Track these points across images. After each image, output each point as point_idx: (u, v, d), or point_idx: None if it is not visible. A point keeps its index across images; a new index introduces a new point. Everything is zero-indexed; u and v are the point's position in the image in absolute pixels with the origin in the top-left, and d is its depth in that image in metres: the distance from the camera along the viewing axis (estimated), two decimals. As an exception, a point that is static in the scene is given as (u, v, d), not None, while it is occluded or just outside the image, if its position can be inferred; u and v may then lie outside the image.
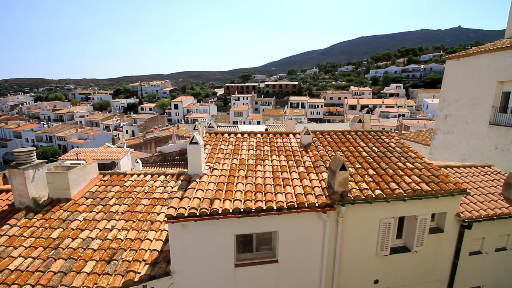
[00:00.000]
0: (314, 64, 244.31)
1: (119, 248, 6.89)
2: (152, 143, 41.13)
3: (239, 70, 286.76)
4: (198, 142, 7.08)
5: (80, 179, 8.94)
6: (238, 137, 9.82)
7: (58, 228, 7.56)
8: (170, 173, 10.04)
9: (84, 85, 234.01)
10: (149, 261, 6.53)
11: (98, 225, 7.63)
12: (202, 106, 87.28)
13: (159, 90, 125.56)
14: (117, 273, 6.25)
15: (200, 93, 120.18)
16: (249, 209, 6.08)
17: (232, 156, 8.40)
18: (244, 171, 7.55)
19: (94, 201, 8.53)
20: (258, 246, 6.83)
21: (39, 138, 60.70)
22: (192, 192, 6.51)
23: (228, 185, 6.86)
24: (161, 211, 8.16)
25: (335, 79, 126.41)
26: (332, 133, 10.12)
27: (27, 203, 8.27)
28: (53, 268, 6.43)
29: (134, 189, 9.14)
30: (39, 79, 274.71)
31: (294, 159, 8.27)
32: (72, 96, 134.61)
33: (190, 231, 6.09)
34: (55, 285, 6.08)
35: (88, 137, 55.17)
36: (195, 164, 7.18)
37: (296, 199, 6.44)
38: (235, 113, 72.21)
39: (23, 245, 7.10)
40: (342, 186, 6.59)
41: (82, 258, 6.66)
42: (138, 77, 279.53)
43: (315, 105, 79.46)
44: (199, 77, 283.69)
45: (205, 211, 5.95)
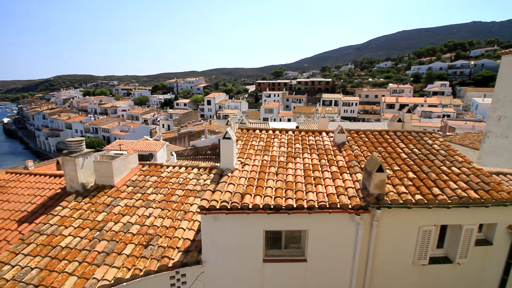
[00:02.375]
0: (349, 60, 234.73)
1: (155, 234, 7.32)
2: (186, 137, 42.88)
3: (271, 67, 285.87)
4: (231, 137, 7.22)
5: (122, 168, 9.64)
6: (270, 133, 9.82)
7: (103, 212, 8.25)
8: (203, 166, 10.39)
9: (126, 81, 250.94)
10: (182, 248, 6.85)
11: (137, 211, 8.18)
12: (234, 102, 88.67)
13: (193, 87, 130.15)
14: (153, 257, 6.66)
15: (232, 90, 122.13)
16: (279, 206, 6.08)
17: (263, 152, 8.43)
18: (275, 168, 7.54)
19: (134, 189, 9.16)
20: (287, 244, 6.81)
21: (87, 130, 66.59)
22: (224, 186, 6.68)
23: (259, 181, 6.91)
24: (194, 202, 8.50)
25: (372, 76, 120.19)
26: (368, 132, 9.67)
27: (76, 188, 9.14)
28: (97, 248, 7.05)
29: (170, 180, 9.62)
30: (87, 76, 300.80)
31: (326, 158, 8.06)
32: (116, 91, 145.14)
33: (221, 223, 6.27)
34: (99, 264, 6.66)
35: (129, 129, 59.24)
36: (227, 159, 7.34)
37: (328, 199, 6.28)
38: (266, 110, 72.25)
39: (73, 225, 7.88)
40: (378, 189, 6.27)
41: (122, 241, 7.20)
42: (174, 74, 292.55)
43: (349, 103, 76.43)
44: (232, 74, 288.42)
45: (236, 205, 6.06)
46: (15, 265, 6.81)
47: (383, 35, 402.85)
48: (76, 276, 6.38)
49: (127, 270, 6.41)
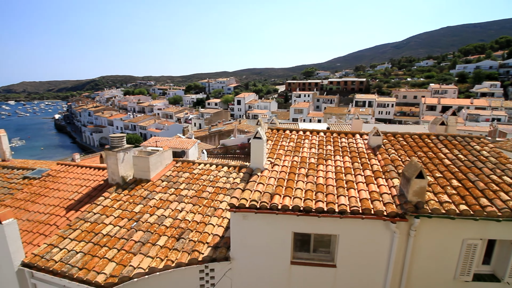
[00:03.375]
0: (386, 59, 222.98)
1: (186, 228, 7.62)
2: (216, 136, 43.99)
3: (302, 67, 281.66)
4: (262, 137, 7.25)
5: (158, 163, 10.17)
6: (300, 134, 9.69)
7: (139, 204, 8.78)
8: (233, 165, 10.57)
9: (162, 81, 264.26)
10: (211, 244, 7.04)
11: (171, 205, 8.57)
12: (263, 102, 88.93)
13: (224, 87, 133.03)
14: (184, 250, 6.93)
15: (262, 90, 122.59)
16: (309, 208, 5.97)
17: (293, 153, 8.34)
18: (305, 170, 7.42)
19: (168, 184, 9.61)
20: (315, 247, 6.67)
21: (126, 126, 71.29)
22: (253, 185, 6.73)
23: (288, 181, 6.85)
24: (223, 200, 8.69)
25: (411, 75, 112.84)
26: (407, 135, 9.10)
27: (117, 180, 9.83)
28: (134, 237, 7.51)
29: (201, 177, 9.94)
30: (128, 76, 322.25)
31: (360, 161, 7.74)
32: (153, 91, 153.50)
33: (249, 222, 6.33)
34: (135, 252, 7.10)
35: (163, 127, 62.35)
36: (257, 158, 7.38)
37: (361, 204, 6.03)
38: (295, 110, 71.37)
39: (113, 215, 8.48)
40: (418, 196, 5.88)
41: (157, 232, 7.60)
42: (206, 74, 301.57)
43: (385, 104, 72.55)
44: (262, 74, 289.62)
45: (265, 205, 6.08)
46: (63, 248, 7.51)
47: (425, 32, 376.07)
48: (115, 263, 6.87)
49: (160, 261, 6.75)
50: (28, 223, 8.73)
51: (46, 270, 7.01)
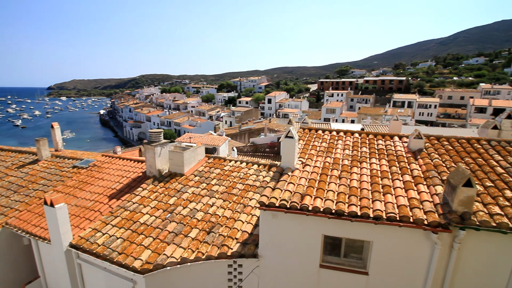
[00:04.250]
0: (429, 56, 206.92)
1: (216, 223, 7.82)
2: (246, 134, 44.49)
3: (335, 65, 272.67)
4: (294, 136, 7.17)
5: (191, 159, 10.56)
6: (333, 135, 9.40)
7: (174, 197, 9.20)
8: (263, 163, 10.61)
9: (196, 80, 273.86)
10: (240, 240, 7.15)
11: (202, 200, 8.87)
12: (294, 101, 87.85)
13: (255, 85, 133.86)
14: (214, 244, 7.13)
15: (293, 89, 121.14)
16: (341, 211, 5.77)
17: (325, 154, 8.13)
18: (338, 171, 7.19)
19: (200, 179, 9.94)
20: (347, 252, 6.44)
21: (162, 123, 75.15)
22: (283, 184, 6.68)
23: (320, 183, 6.69)
24: (252, 197, 8.76)
25: (458, 74, 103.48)
26: (453, 139, 8.37)
27: (154, 173, 10.40)
28: (168, 228, 7.90)
29: (232, 173, 10.13)
30: (164, 75, 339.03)
31: (398, 165, 7.29)
32: (187, 89, 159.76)
33: (279, 221, 6.30)
34: (168, 242, 7.46)
35: (196, 124, 64.64)
36: (288, 158, 7.31)
37: (399, 211, 5.68)
38: (327, 110, 69.42)
39: (150, 205, 9.00)
40: (464, 206, 5.38)
41: (189, 224, 7.91)
42: (238, 73, 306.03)
43: (426, 105, 67.43)
44: (293, 72, 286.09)
45: (295, 205, 6.00)
46: (105, 233, 8.16)
47: (475, 27, 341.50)
48: (150, 250, 7.30)
49: (191, 252, 7.03)
50: (76, 208, 9.62)
51: (90, 252, 7.68)
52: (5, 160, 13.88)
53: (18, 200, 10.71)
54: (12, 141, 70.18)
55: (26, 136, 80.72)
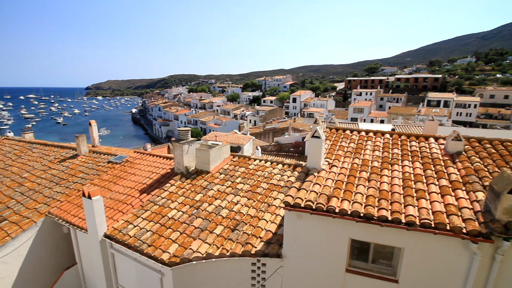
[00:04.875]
0: (469, 52, 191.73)
1: (241, 221, 7.90)
2: (270, 133, 44.44)
3: (364, 63, 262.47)
4: (320, 136, 7.01)
5: (217, 157, 10.77)
6: (362, 135, 9.05)
7: (200, 193, 9.45)
8: (287, 163, 10.52)
9: (222, 79, 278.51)
10: (264, 239, 7.15)
11: (227, 197, 9.00)
12: (320, 100, 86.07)
13: (280, 84, 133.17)
14: (238, 241, 7.21)
15: (319, 88, 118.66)
16: (371, 215, 5.54)
17: (353, 155, 7.85)
18: (367, 173, 6.91)
19: (225, 177, 10.10)
20: (375, 258, 6.18)
21: (189, 121, 77.49)
22: (309, 185, 6.57)
23: (348, 185, 6.48)
24: (277, 197, 8.73)
25: (502, 71, 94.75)
26: (497, 142, 7.67)
27: (181, 170, 10.75)
28: (194, 223, 8.13)
29: (256, 172, 10.17)
30: (192, 75, 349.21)
31: (434, 169, 6.84)
32: (213, 89, 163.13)
33: (304, 222, 6.21)
34: (194, 237, 7.68)
35: (221, 123, 65.81)
36: (315, 158, 7.17)
37: (434, 217, 5.33)
38: (355, 109, 67.07)
39: (177, 201, 9.32)
40: (509, 215, 4.91)
41: (214, 221, 8.08)
42: (263, 72, 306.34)
43: (465, 104, 62.55)
44: (319, 71, 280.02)
45: (321, 207, 5.87)
46: (136, 225, 8.59)
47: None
48: (178, 244, 7.56)
49: (216, 248, 7.17)
50: (110, 201, 10.24)
51: (122, 243, 8.14)
52: (49, 155, 15.16)
53: (59, 192, 11.64)
54: (54, 137, 76.44)
55: (67, 133, 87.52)
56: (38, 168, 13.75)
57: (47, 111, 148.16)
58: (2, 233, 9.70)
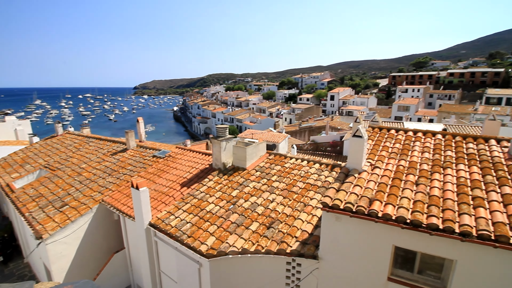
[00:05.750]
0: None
1: (276, 219, 7.90)
2: (306, 131, 43.60)
3: (411, 57, 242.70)
4: (362, 135, 6.66)
5: (253, 154, 10.89)
6: (409, 135, 8.40)
7: (236, 189, 9.65)
8: (325, 162, 10.22)
9: (258, 78, 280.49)
10: (300, 239, 7.05)
11: (263, 195, 9.06)
12: (360, 98, 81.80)
13: (317, 82, 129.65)
14: (273, 239, 7.22)
15: (359, 84, 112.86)
16: (419, 222, 5.12)
17: (399, 156, 7.32)
18: (415, 177, 6.39)
19: (261, 175, 10.17)
20: (422, 268, 5.71)
21: (225, 119, 79.54)
22: (349, 186, 6.29)
23: (392, 188, 6.07)
24: (313, 197, 8.54)
25: None
26: None
27: (219, 166, 11.08)
28: (231, 218, 8.34)
29: (292, 171, 10.06)
30: (229, 74, 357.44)
31: (495, 174, 6.07)
32: (249, 87, 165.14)
33: (342, 225, 5.98)
34: (231, 232, 7.87)
35: (256, 121, 66.37)
36: (356, 158, 6.84)
37: (495, 229, 4.74)
38: (400, 107, 62.40)
39: (215, 196, 9.64)
40: None
41: (250, 217, 8.19)
42: (300, 70, 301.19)
43: (534, 103, 54.40)
44: (360, 67, 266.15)
45: (362, 210, 5.59)
46: (177, 217, 9.09)
47: None
48: (215, 237, 7.83)
49: (251, 244, 7.27)
50: (154, 192, 10.98)
51: (165, 232, 8.68)
52: (102, 148, 16.77)
53: (111, 182, 12.82)
54: (106, 132, 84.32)
55: (117, 128, 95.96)
56: (94, 160, 15.30)
57: (101, 108, 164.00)
58: (63, 216, 11.01)
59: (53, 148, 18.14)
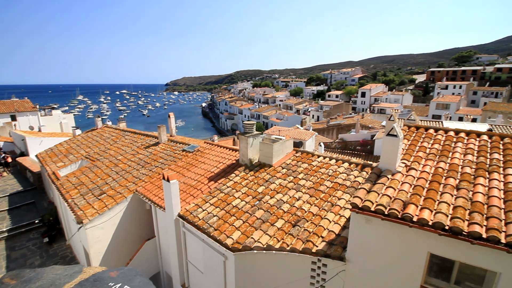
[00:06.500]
0: None
1: (302, 217, 7.80)
2: (334, 129, 42.39)
3: (452, 51, 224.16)
4: (398, 134, 6.30)
5: (280, 151, 10.82)
6: (450, 135, 7.78)
7: (262, 186, 9.68)
8: (355, 162, 9.86)
9: (286, 74, 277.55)
10: (326, 239, 6.90)
11: (289, 192, 8.99)
12: (394, 95, 77.52)
13: (347, 78, 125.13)
14: (299, 237, 7.14)
15: (393, 80, 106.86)
16: (459, 229, 4.74)
17: (438, 158, 6.82)
18: (455, 180, 5.92)
19: (288, 172, 10.08)
20: (459, 279, 5.29)
21: (252, 115, 79.99)
22: (381, 187, 6.00)
23: (430, 192, 5.67)
24: (341, 197, 8.29)
25: None
26: None
27: (245, 162, 11.18)
28: (256, 214, 8.39)
29: (319, 169, 9.84)
30: (256, 70, 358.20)
31: (553, 181, 5.42)
32: (276, 83, 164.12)
33: (373, 228, 5.73)
34: (256, 227, 7.93)
35: (283, 118, 65.87)
36: (389, 159, 6.50)
37: (551, 242, 4.24)
38: (438, 105, 58.10)
39: (241, 191, 9.75)
40: None
41: (275, 214, 8.18)
42: (329, 66, 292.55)
43: None
44: (395, 62, 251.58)
45: (395, 213, 5.30)
46: (204, 209, 9.35)
47: None
48: (240, 232, 7.94)
49: (276, 241, 7.26)
50: (184, 185, 11.38)
51: (193, 224, 8.99)
52: (137, 141, 17.72)
53: (144, 173, 13.53)
54: (140, 126, 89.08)
55: (150, 123, 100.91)
56: (129, 152, 16.25)
57: (135, 104, 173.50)
58: (101, 204, 11.85)
59: (93, 141, 19.58)
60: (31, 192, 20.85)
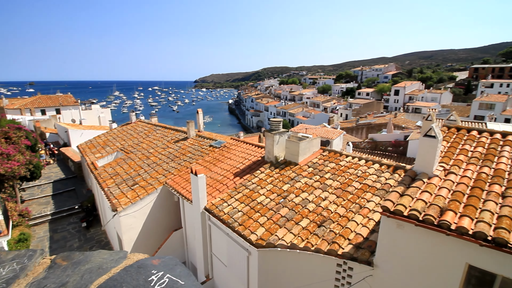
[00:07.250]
0: None
1: (328, 218, 7.62)
2: (364, 128, 40.76)
3: (499, 46, 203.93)
4: (436, 136, 5.88)
5: (306, 149, 10.65)
6: (496, 138, 7.11)
7: (287, 184, 9.61)
8: (386, 163, 9.41)
9: (313, 71, 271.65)
10: (353, 242, 6.68)
11: (315, 191, 8.83)
12: (431, 93, 72.46)
13: (380, 75, 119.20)
14: (324, 238, 6.99)
15: (431, 78, 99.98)
16: (504, 241, 4.32)
17: (481, 162, 6.27)
18: (501, 187, 5.40)
19: (314, 171, 9.90)
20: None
21: (278, 113, 79.49)
22: (416, 191, 5.65)
23: (471, 198, 5.24)
24: (371, 199, 7.97)
25: None
26: None
27: (271, 159, 11.16)
28: (281, 212, 8.36)
29: (348, 170, 9.53)
30: (283, 67, 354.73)
31: None
32: (304, 80, 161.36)
33: (405, 233, 5.43)
34: (280, 225, 7.90)
35: (310, 115, 64.68)
36: (426, 161, 6.09)
37: None
38: (481, 105, 53.28)
39: (265, 188, 9.76)
40: None
41: (300, 213, 8.09)
42: (360, 62, 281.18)
43: None
44: (433, 58, 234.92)
45: (431, 219, 4.97)
46: (229, 204, 9.51)
47: None
48: (264, 228, 7.97)
49: (301, 240, 7.18)
50: (210, 180, 11.66)
51: (218, 217, 9.19)
52: (167, 136, 18.47)
53: (173, 167, 14.07)
54: (170, 121, 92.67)
55: (179, 118, 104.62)
56: (160, 146, 17.00)
57: (166, 100, 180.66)
58: (134, 193, 12.55)
59: (127, 134, 20.76)
60: (72, 180, 22.72)
